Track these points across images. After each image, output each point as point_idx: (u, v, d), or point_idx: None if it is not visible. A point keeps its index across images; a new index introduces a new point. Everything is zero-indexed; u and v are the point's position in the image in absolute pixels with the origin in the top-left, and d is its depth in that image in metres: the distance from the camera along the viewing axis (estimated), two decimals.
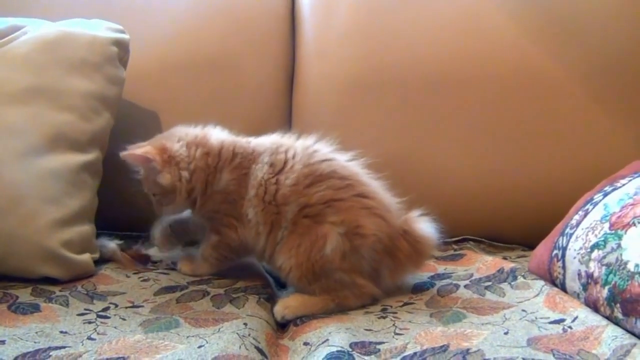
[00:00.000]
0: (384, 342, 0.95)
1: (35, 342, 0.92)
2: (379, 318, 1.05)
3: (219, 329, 0.97)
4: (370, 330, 1.00)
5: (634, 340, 0.89)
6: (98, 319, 1.03)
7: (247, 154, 1.19)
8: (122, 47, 1.39)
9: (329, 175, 1.13)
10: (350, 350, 0.91)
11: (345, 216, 1.10)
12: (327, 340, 0.94)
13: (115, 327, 0.99)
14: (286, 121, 1.59)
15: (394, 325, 1.02)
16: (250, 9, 1.65)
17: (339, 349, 0.90)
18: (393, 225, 1.14)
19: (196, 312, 1.06)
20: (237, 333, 0.95)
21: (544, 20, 1.55)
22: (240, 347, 0.91)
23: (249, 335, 0.95)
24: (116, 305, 1.08)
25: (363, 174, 1.18)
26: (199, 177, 1.19)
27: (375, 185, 1.17)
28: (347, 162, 1.18)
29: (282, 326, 1.09)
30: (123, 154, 1.19)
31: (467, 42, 1.55)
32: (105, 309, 1.06)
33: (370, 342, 0.94)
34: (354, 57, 1.57)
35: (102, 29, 1.38)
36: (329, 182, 1.13)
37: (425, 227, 1.16)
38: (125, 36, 1.41)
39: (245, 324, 0.99)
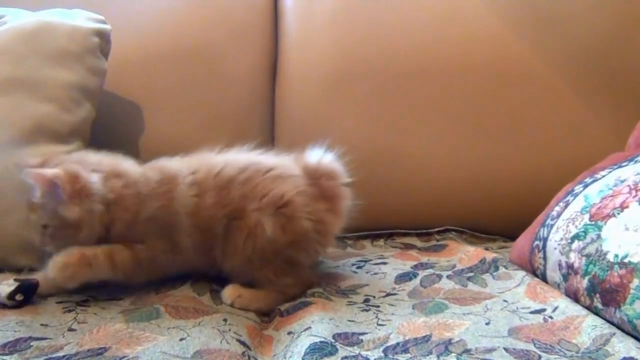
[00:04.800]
0: (366, 333, 0.95)
1: (15, 332, 0.91)
2: (362, 310, 1.05)
3: (200, 322, 0.97)
4: (353, 321, 1.00)
5: (613, 329, 0.89)
6: (78, 307, 1.02)
7: (168, 178, 1.12)
8: (103, 38, 1.38)
9: (233, 174, 1.13)
10: (333, 341, 0.91)
11: (263, 197, 1.11)
12: (310, 328, 0.94)
13: (95, 314, 0.99)
14: (269, 112, 1.59)
15: (376, 317, 1.02)
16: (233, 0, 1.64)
17: (322, 339, 0.91)
18: (303, 175, 1.16)
19: (176, 298, 1.06)
20: (217, 329, 0.95)
21: (524, 11, 1.55)
22: (221, 341, 0.90)
23: (230, 330, 0.95)
24: (95, 298, 1.07)
25: (252, 154, 1.20)
26: (121, 209, 1.07)
27: (268, 157, 1.19)
28: (235, 153, 1.19)
29: (264, 314, 1.09)
30: (28, 170, 1.02)
31: (450, 33, 1.55)
32: (85, 300, 1.05)
33: (353, 333, 0.94)
34: (336, 47, 1.57)
35: (83, 19, 1.37)
36: (236, 181, 1.12)
37: (325, 159, 1.19)
38: (107, 26, 1.40)
39: (225, 320, 0.99)
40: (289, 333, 0.97)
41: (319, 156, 1.20)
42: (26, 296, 1.02)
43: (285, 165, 1.18)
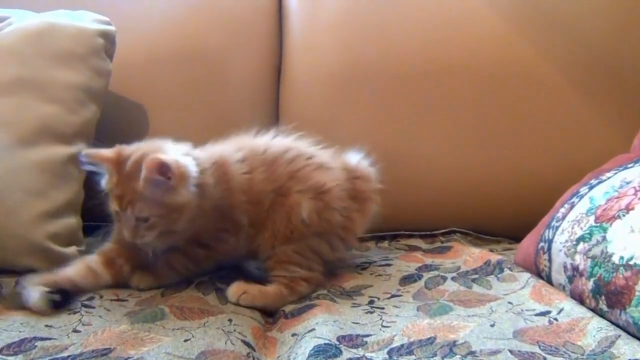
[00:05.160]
0: (371, 335, 0.95)
1: (20, 332, 0.92)
2: (366, 312, 1.05)
3: (204, 323, 0.97)
4: (357, 322, 1.00)
5: (618, 331, 0.89)
6: (83, 307, 1.02)
7: (220, 161, 1.14)
8: (108, 39, 1.38)
9: (278, 153, 1.17)
10: (337, 343, 0.91)
11: (307, 181, 1.15)
12: (314, 329, 0.94)
13: (100, 316, 0.99)
14: (273, 114, 1.59)
15: (381, 318, 1.02)
16: (238, 1, 1.64)
17: (327, 341, 0.90)
18: (342, 170, 1.22)
19: (181, 298, 1.06)
20: (222, 329, 0.95)
21: (529, 13, 1.55)
22: (226, 342, 0.91)
23: (234, 330, 0.95)
24: (101, 297, 1.07)
25: (291, 141, 1.22)
26: (204, 192, 1.08)
27: (307, 145, 1.22)
28: (274, 139, 1.22)
29: (269, 315, 1.10)
30: (150, 158, 1.01)
31: (454, 35, 1.55)
32: (90, 299, 1.06)
33: (358, 335, 0.94)
34: (341, 49, 1.57)
35: (88, 21, 1.37)
36: (282, 159, 1.16)
37: (364, 162, 1.25)
38: (112, 28, 1.40)
39: (230, 320, 0.99)
40: (293, 335, 0.97)
41: (358, 158, 1.25)
42: (63, 300, 1.01)
43: (325, 157, 1.22)
